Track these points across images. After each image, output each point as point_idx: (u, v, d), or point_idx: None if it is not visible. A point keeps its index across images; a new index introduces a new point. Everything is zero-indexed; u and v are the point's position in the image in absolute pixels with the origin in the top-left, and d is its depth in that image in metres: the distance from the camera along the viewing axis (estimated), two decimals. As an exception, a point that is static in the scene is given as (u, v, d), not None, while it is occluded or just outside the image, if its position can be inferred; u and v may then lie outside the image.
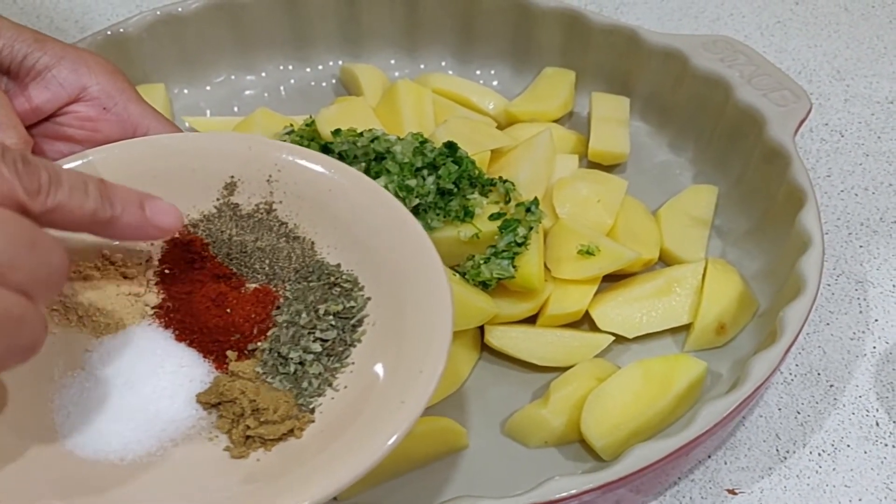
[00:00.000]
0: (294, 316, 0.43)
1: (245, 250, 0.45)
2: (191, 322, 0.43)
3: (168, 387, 0.41)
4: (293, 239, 0.46)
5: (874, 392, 0.55)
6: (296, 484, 0.36)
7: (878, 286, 0.60)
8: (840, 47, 0.78)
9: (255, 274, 0.45)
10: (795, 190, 0.56)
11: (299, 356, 0.42)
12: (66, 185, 0.35)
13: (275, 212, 0.46)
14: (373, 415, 0.38)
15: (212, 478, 0.39)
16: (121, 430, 0.40)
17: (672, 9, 0.81)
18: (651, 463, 0.44)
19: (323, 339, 0.42)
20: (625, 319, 0.55)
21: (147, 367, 0.42)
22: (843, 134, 0.70)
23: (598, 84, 0.69)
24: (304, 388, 0.41)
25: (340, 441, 0.38)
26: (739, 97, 0.61)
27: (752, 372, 0.47)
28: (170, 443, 0.40)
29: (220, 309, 0.44)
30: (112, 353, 0.42)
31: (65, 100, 0.48)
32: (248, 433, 0.40)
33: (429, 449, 0.49)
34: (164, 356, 0.42)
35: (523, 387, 0.53)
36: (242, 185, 0.46)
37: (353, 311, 0.43)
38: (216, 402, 0.41)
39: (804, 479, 0.51)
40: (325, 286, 0.44)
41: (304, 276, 0.45)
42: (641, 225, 0.59)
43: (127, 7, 0.79)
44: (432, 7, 0.70)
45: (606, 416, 0.49)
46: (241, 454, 0.39)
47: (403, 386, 0.39)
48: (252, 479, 0.38)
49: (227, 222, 0.46)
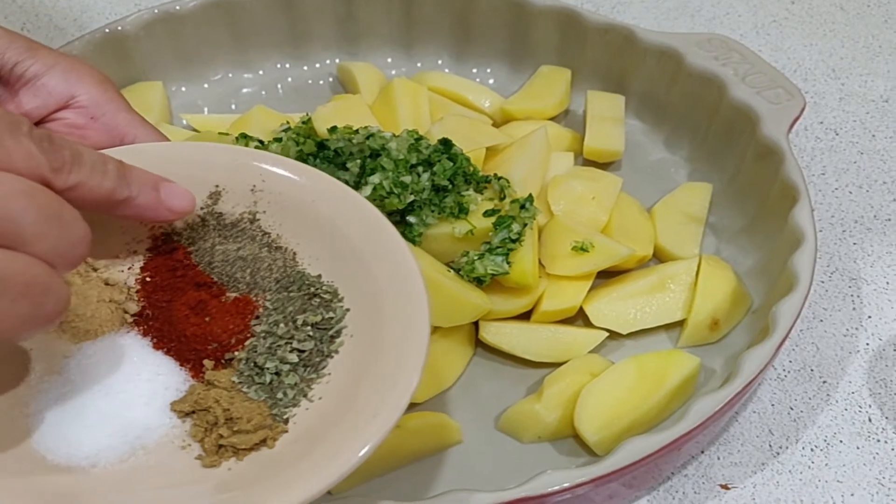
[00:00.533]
0: (272, 326, 0.43)
1: (227, 259, 0.45)
2: (169, 330, 0.43)
3: (144, 394, 0.41)
4: (275, 249, 0.46)
5: (867, 388, 0.55)
6: (268, 493, 0.37)
7: (872, 283, 0.60)
8: (835, 46, 0.78)
9: (236, 283, 0.45)
10: (789, 187, 0.56)
11: (275, 367, 0.42)
12: (87, 164, 0.36)
13: (258, 221, 0.46)
14: (347, 426, 0.39)
15: (184, 486, 0.39)
16: (94, 437, 0.40)
17: (668, 8, 0.81)
18: (643, 457, 0.44)
19: (300, 349, 0.42)
20: (619, 316, 0.55)
21: (124, 374, 0.42)
22: (837, 132, 0.71)
23: (594, 82, 0.69)
24: (279, 399, 0.41)
25: (313, 452, 0.38)
26: (734, 95, 0.61)
27: (745, 367, 0.47)
28: (142, 450, 0.40)
29: (199, 317, 0.44)
30: (90, 359, 0.42)
31: (53, 107, 0.48)
32: (220, 442, 0.40)
33: (423, 444, 0.50)
34: (142, 364, 0.42)
35: (517, 382, 0.54)
36: (227, 194, 0.46)
37: (332, 322, 0.43)
38: (190, 411, 0.41)
39: (797, 474, 0.51)
40: (305, 297, 0.44)
41: (284, 286, 0.45)
42: (636, 222, 0.59)
43: (125, 5, 0.79)
44: (429, 5, 0.70)
45: (600, 412, 0.50)
46: (212, 463, 0.40)
47: (378, 398, 0.39)
48: (225, 487, 0.39)
49: (210, 231, 0.46)
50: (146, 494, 0.38)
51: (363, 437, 0.37)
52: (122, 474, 0.39)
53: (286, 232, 0.46)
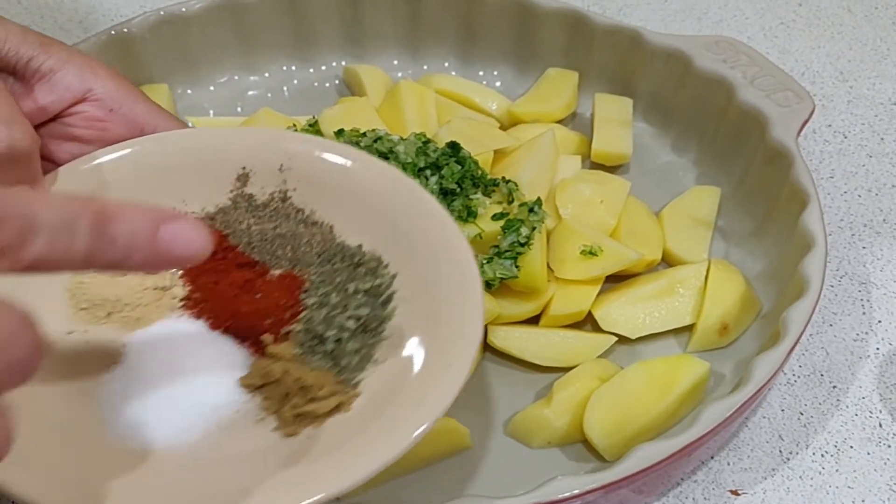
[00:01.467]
0: (324, 297, 0.43)
1: (265, 238, 0.46)
2: (222, 310, 0.44)
3: (210, 373, 0.41)
4: (311, 224, 0.46)
5: (877, 393, 0.55)
6: (348, 458, 0.37)
7: (882, 287, 0.60)
8: (843, 49, 0.78)
9: (278, 261, 0.45)
10: (798, 191, 0.56)
11: (335, 334, 0.42)
12: (44, 233, 0.29)
13: (290, 199, 0.47)
14: (420, 383, 0.39)
15: (263, 457, 0.39)
16: (168, 420, 0.40)
17: (675, 10, 0.81)
18: (654, 463, 0.44)
19: (356, 316, 0.42)
20: (628, 320, 0.55)
21: (186, 356, 0.42)
22: (846, 135, 0.70)
23: (601, 85, 0.69)
24: (345, 365, 0.41)
25: (389, 412, 0.39)
26: (742, 98, 0.61)
27: (755, 373, 0.47)
28: (217, 428, 0.40)
29: (250, 295, 0.44)
30: (148, 345, 0.42)
31: (70, 101, 0.48)
32: (296, 411, 0.40)
33: (432, 449, 0.49)
34: (202, 344, 0.42)
35: (526, 387, 0.53)
36: (255, 175, 0.47)
37: (382, 289, 0.43)
38: (260, 385, 0.41)
39: (807, 480, 0.51)
40: (350, 267, 0.44)
41: (327, 259, 0.45)
42: (644, 226, 0.59)
43: (131, 7, 0.79)
44: (435, 8, 0.70)
45: (609, 417, 0.49)
46: (292, 432, 0.40)
47: (446, 352, 0.40)
48: (304, 456, 0.39)
49: (243, 213, 0.46)
50: (227, 469, 0.38)
51: (441, 392, 0.38)
52: (201, 453, 0.39)
53: (319, 207, 0.46)
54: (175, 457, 0.39)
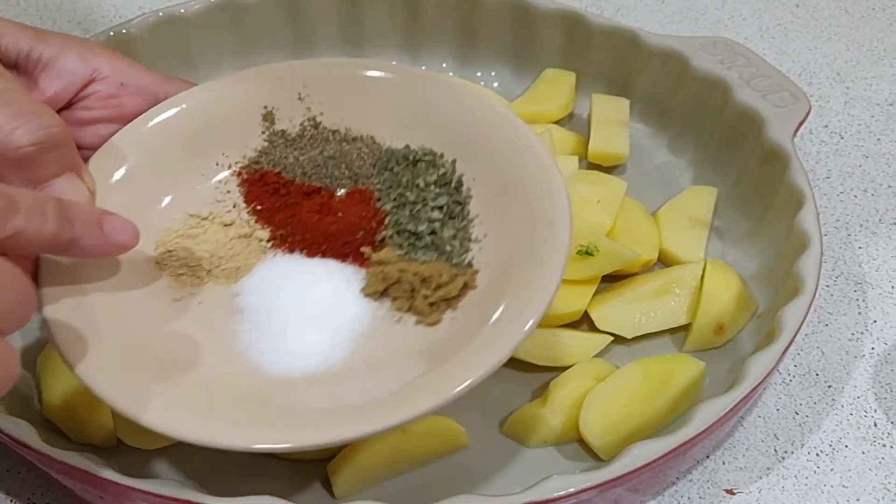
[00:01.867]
0: (400, 198, 0.45)
1: (317, 164, 0.47)
2: (312, 237, 0.45)
3: (333, 293, 0.43)
4: (353, 140, 0.47)
5: (872, 393, 0.55)
6: (496, 334, 0.39)
7: (877, 287, 0.60)
8: (840, 49, 0.78)
9: (339, 181, 0.47)
10: (794, 191, 0.56)
11: (427, 227, 0.43)
12: (23, 210, 0.34)
13: (321, 124, 0.48)
14: (534, 242, 0.41)
15: (413, 355, 0.41)
16: (316, 344, 0.41)
17: (672, 11, 0.81)
18: (649, 462, 0.44)
19: (438, 205, 0.44)
20: (624, 320, 0.55)
21: (301, 286, 0.43)
22: (842, 136, 0.70)
23: (599, 86, 0.69)
24: (449, 251, 0.43)
25: (516, 279, 0.40)
26: (738, 99, 0.61)
27: (750, 372, 0.47)
28: (363, 338, 0.42)
29: (332, 216, 0.45)
30: (260, 288, 0.44)
31: (79, 84, 0.48)
32: (429, 301, 0.41)
33: (427, 448, 0.50)
34: (310, 272, 0.44)
35: (522, 386, 0.53)
36: (279, 111, 0.48)
37: (448, 176, 0.45)
38: (383, 289, 0.42)
39: (802, 479, 0.51)
40: (409, 166, 0.45)
41: (383, 166, 0.46)
42: (641, 226, 0.59)
43: (130, 8, 0.80)
44: (433, 9, 0.70)
45: (605, 416, 0.49)
46: (434, 321, 0.41)
47: (544, 209, 0.42)
48: (452, 342, 0.40)
49: (283, 149, 0.48)
50: (386, 371, 0.40)
51: (555, 247, 0.41)
52: (356, 364, 0.41)
53: (351, 123, 0.48)
54: (333, 375, 0.41)
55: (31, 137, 0.40)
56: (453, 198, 0.45)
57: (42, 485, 0.50)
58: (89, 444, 0.49)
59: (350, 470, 0.48)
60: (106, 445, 0.49)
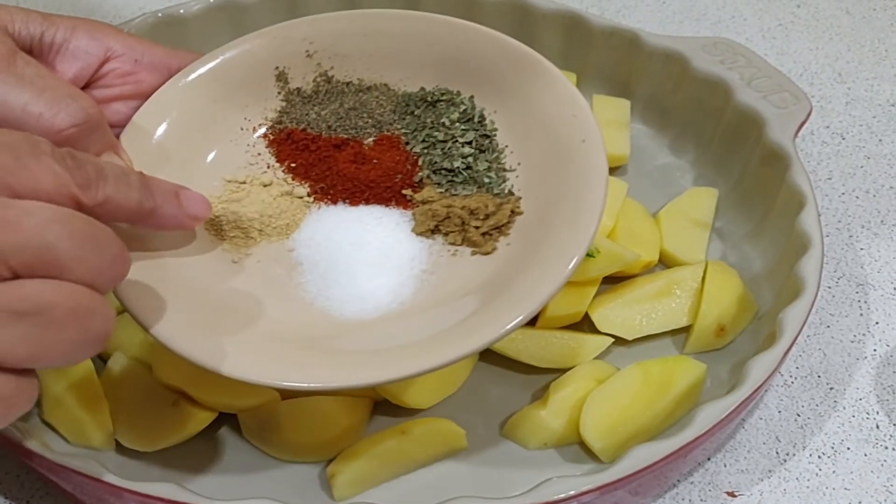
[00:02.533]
0: (428, 139, 0.46)
1: (340, 116, 0.48)
2: (352, 187, 0.46)
3: (386, 236, 0.44)
4: (368, 90, 0.49)
5: (874, 395, 0.55)
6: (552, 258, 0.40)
7: (879, 289, 0.60)
8: (841, 50, 0.78)
9: (364, 130, 0.48)
10: (795, 192, 0.56)
11: (462, 162, 0.45)
12: (111, 178, 0.36)
13: (333, 77, 0.49)
14: (571, 163, 0.42)
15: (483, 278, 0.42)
16: (382, 285, 0.42)
17: (673, 11, 0.81)
18: (650, 464, 0.44)
19: (467, 140, 0.45)
20: (624, 321, 0.55)
21: (353, 233, 0.44)
22: (844, 137, 0.70)
23: (599, 86, 0.69)
24: (488, 183, 0.44)
25: (561, 201, 0.42)
26: (739, 99, 0.61)
27: (751, 374, 0.47)
28: (425, 273, 0.43)
29: (368, 164, 0.46)
30: (314, 240, 0.45)
31: (96, 64, 0.48)
32: (482, 231, 0.43)
33: (428, 450, 0.49)
34: (358, 219, 0.45)
35: (522, 388, 0.53)
36: (290, 70, 0.49)
37: (469, 111, 0.46)
38: (434, 227, 0.44)
39: (804, 481, 0.51)
40: (428, 107, 0.47)
41: (402, 112, 0.48)
42: (641, 227, 0.59)
43: (129, 9, 0.79)
44: (433, 9, 0.69)
45: (605, 418, 0.49)
46: (490, 249, 0.42)
47: (572, 131, 0.43)
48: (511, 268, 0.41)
49: (302, 106, 0.49)
50: (455, 305, 0.41)
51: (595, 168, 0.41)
52: (425, 299, 0.42)
53: (362, 73, 0.49)
54: (403, 312, 0.42)
55: (72, 119, 0.41)
56: (479, 132, 0.46)
57: (41, 487, 0.50)
58: (88, 446, 0.49)
59: (349, 472, 0.47)
60: (104, 448, 0.49)
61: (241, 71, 0.49)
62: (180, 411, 0.49)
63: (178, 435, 0.49)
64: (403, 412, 0.51)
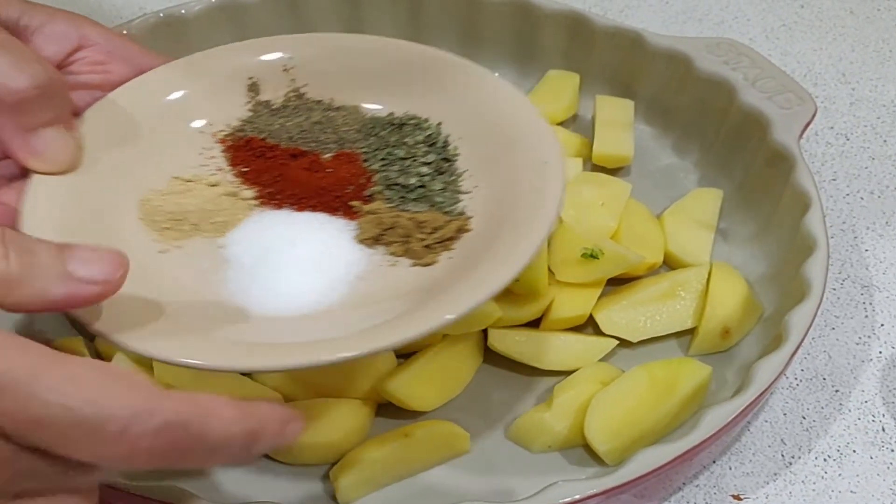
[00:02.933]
0: (388, 157, 0.45)
1: (304, 129, 0.47)
2: (301, 192, 0.44)
3: (326, 241, 0.42)
4: (336, 109, 0.48)
5: (880, 397, 0.54)
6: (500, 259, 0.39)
7: (885, 290, 0.60)
8: (845, 50, 0.77)
9: (325, 145, 0.47)
10: (800, 193, 0.56)
11: (417, 181, 0.44)
12: None
13: (305, 94, 0.48)
14: (529, 181, 0.42)
15: (411, 290, 0.41)
16: (310, 289, 0.41)
17: (676, 12, 0.81)
18: (656, 468, 0.44)
19: (426, 161, 0.45)
20: (629, 323, 0.54)
21: (292, 235, 0.42)
22: (848, 137, 0.70)
23: (602, 87, 0.68)
24: (440, 203, 0.43)
25: (512, 215, 0.41)
26: (744, 100, 0.61)
27: (758, 376, 0.47)
28: (359, 281, 0.42)
29: (321, 173, 0.45)
30: (248, 239, 0.43)
31: (69, 48, 0.48)
32: (425, 243, 0.42)
33: (430, 453, 0.49)
34: (300, 223, 0.43)
35: (526, 391, 0.53)
36: (264, 82, 0.48)
37: (434, 136, 0.46)
38: (378, 235, 0.42)
39: (810, 484, 0.50)
40: (395, 129, 0.46)
41: (367, 132, 0.47)
42: (645, 228, 0.59)
43: (130, 9, 0.79)
44: (435, 9, 0.70)
45: (610, 421, 0.49)
46: (430, 261, 0.41)
47: (535, 155, 0.43)
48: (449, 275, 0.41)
49: (268, 117, 0.48)
50: (383, 305, 0.40)
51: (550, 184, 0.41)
52: (354, 304, 0.41)
53: (335, 93, 0.48)
54: (326, 313, 0.40)
55: (33, 81, 0.40)
56: (441, 156, 0.46)
57: (41, 490, 0.49)
58: (89, 449, 0.49)
59: (353, 475, 0.47)
60: (106, 451, 0.49)
61: (213, 77, 0.49)
62: (182, 414, 0.48)
63: (179, 438, 0.49)
64: (407, 415, 0.51)
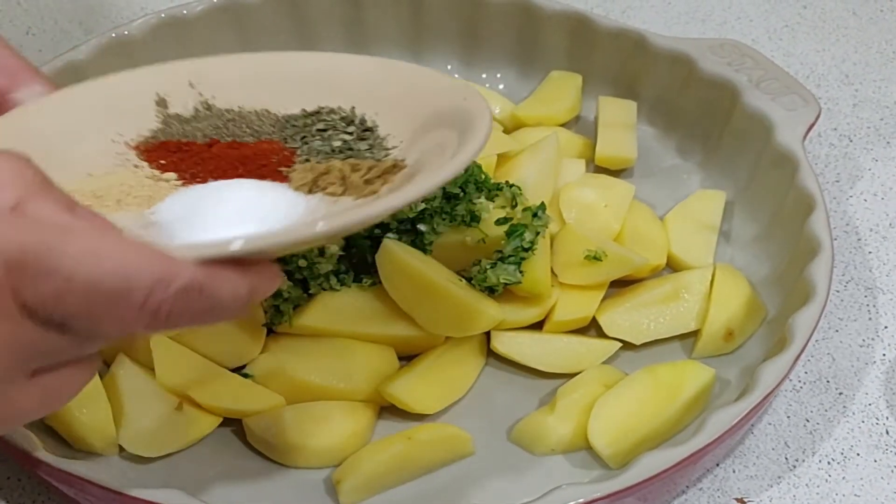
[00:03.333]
0: (307, 130, 0.45)
1: (219, 126, 0.46)
2: (227, 165, 0.43)
3: (260, 192, 0.40)
4: (248, 113, 0.47)
5: (884, 400, 0.54)
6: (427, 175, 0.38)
7: (888, 293, 0.60)
8: (848, 51, 0.77)
9: (243, 137, 0.46)
10: (804, 195, 0.55)
11: (341, 144, 0.44)
12: None
13: (214, 106, 0.47)
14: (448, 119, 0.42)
15: None
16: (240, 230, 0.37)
17: (679, 12, 0.81)
18: (660, 471, 0.43)
19: (347, 131, 0.45)
20: (632, 326, 0.54)
21: (226, 194, 0.40)
22: (851, 139, 0.70)
23: (605, 88, 0.68)
24: (370, 157, 0.43)
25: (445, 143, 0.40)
26: (747, 101, 0.60)
27: (762, 379, 0.46)
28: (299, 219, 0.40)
29: (245, 147, 0.44)
30: (176, 203, 0.41)
31: None
32: (364, 178, 0.41)
33: (434, 456, 0.49)
34: (233, 185, 0.41)
35: (530, 393, 0.53)
36: (171, 98, 0.47)
37: (350, 116, 0.46)
38: (314, 180, 0.42)
39: (813, 487, 0.50)
40: (309, 116, 0.46)
41: (283, 126, 0.46)
42: (649, 230, 0.59)
43: (132, 9, 0.79)
44: (437, 10, 0.69)
45: (613, 424, 0.49)
46: (371, 191, 0.40)
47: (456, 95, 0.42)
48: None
49: (179, 125, 0.47)
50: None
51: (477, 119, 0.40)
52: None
53: (244, 103, 0.47)
54: None
55: None
56: (361, 127, 0.45)
57: (42, 493, 0.49)
58: (90, 451, 0.49)
59: (355, 477, 0.47)
60: (107, 453, 0.49)
61: (119, 94, 0.48)
62: (184, 416, 0.48)
63: (181, 440, 0.49)
64: (410, 417, 0.51)
